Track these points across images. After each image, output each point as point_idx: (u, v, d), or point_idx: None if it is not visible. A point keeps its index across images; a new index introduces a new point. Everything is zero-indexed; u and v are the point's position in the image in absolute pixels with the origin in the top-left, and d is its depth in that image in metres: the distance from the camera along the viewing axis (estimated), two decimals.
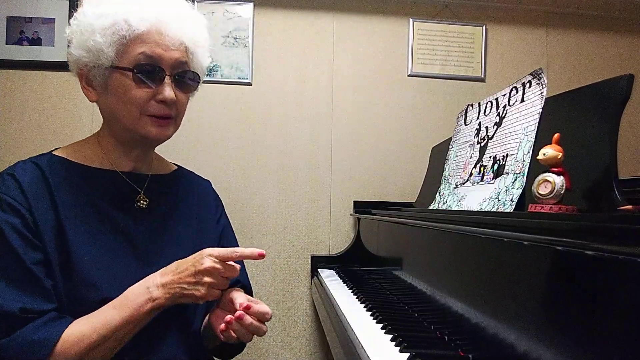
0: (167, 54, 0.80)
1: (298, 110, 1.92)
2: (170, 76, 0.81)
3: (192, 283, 0.74)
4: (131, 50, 0.78)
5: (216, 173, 1.80)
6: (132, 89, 0.78)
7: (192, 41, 0.84)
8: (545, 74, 0.90)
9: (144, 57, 0.78)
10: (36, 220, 0.74)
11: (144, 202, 0.86)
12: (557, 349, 0.53)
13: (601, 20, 2.04)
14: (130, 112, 0.80)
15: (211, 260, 0.74)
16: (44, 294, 0.72)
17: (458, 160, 1.21)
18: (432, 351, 0.74)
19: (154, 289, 0.75)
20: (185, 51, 0.83)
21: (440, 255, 0.93)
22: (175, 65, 0.81)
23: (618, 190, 0.64)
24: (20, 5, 1.79)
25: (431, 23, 1.97)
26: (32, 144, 1.78)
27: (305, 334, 1.88)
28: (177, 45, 0.81)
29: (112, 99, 0.81)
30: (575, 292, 0.51)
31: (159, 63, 0.79)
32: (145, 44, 0.78)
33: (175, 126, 0.86)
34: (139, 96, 0.79)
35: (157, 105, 0.80)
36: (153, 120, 0.81)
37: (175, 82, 0.82)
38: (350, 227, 1.92)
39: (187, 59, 0.83)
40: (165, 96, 0.79)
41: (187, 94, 0.86)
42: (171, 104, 0.81)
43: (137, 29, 0.77)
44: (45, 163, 0.80)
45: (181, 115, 0.86)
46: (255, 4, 1.88)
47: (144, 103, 0.79)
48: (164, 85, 0.80)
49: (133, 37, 0.78)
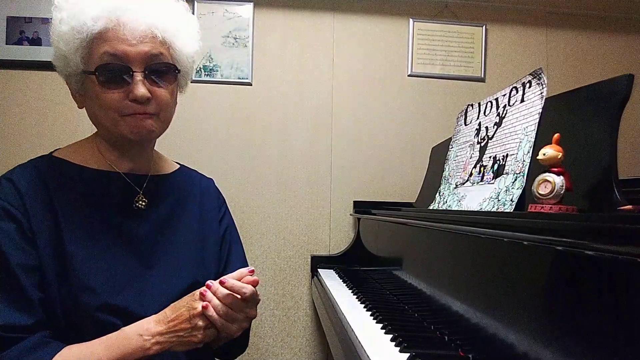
0: (133, 49, 0.74)
1: (298, 110, 1.92)
2: (140, 72, 0.75)
3: (187, 329, 0.72)
4: (94, 52, 0.74)
5: (216, 173, 1.78)
6: (102, 93, 0.74)
7: (164, 29, 0.77)
8: (545, 74, 0.90)
9: (108, 56, 0.73)
10: (32, 225, 0.73)
11: (143, 202, 0.85)
12: (557, 349, 0.53)
13: (601, 20, 2.04)
14: (108, 116, 0.76)
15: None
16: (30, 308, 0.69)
17: (458, 160, 1.21)
18: (432, 351, 0.74)
19: (148, 339, 0.71)
20: (157, 42, 0.76)
21: (440, 255, 0.93)
22: (146, 59, 0.75)
23: (618, 190, 0.64)
24: (20, 5, 1.79)
25: (431, 23, 1.97)
26: (32, 144, 1.78)
27: (305, 334, 1.88)
28: (144, 38, 0.74)
29: (91, 104, 0.78)
30: (575, 292, 0.51)
31: (126, 60, 0.74)
32: (107, 42, 0.73)
33: (160, 122, 0.80)
34: (111, 98, 0.75)
35: (131, 105, 0.75)
36: (132, 119, 0.76)
37: (148, 78, 0.76)
38: (350, 227, 1.92)
39: (161, 49, 0.77)
40: (136, 94, 0.74)
41: (167, 87, 0.80)
42: (145, 101, 0.76)
43: (95, 28, 0.72)
44: (45, 165, 0.80)
45: (166, 109, 0.81)
46: (255, 4, 1.88)
47: (118, 104, 0.75)
48: (135, 83, 0.74)
49: (93, 38, 0.73)
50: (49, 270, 0.72)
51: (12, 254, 0.70)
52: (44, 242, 0.73)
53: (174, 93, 0.84)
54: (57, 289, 0.72)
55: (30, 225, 0.73)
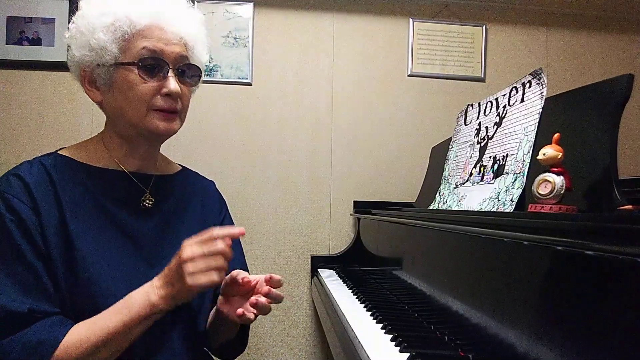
0: (168, 48, 0.80)
1: (298, 110, 1.92)
2: (173, 69, 0.81)
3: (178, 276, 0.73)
4: (133, 46, 0.79)
5: (216, 173, 1.79)
6: (138, 84, 0.79)
7: (190, 36, 0.85)
8: (545, 74, 0.90)
9: (147, 51, 0.79)
10: (41, 220, 0.74)
11: (150, 201, 0.86)
12: (557, 349, 0.53)
13: (601, 20, 2.04)
14: (136, 108, 0.80)
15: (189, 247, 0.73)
16: (47, 298, 0.72)
17: (458, 160, 1.21)
18: (432, 351, 0.74)
19: (152, 293, 0.74)
20: (185, 46, 0.84)
21: (440, 255, 0.93)
22: (177, 60, 0.82)
23: (618, 190, 0.64)
24: (20, 5, 1.79)
25: (431, 23, 1.97)
26: (32, 144, 1.78)
27: (305, 334, 1.88)
28: (177, 40, 0.82)
29: (118, 96, 0.81)
30: (575, 292, 0.51)
31: (162, 57, 0.80)
32: (146, 38, 0.79)
33: (180, 121, 0.86)
34: (145, 91, 0.79)
35: (163, 99, 0.81)
36: (160, 114, 0.81)
37: (178, 76, 0.83)
38: (350, 227, 1.92)
39: (187, 53, 0.84)
40: (171, 89, 0.80)
41: (190, 87, 0.87)
42: (177, 96, 0.82)
43: (139, 25, 0.78)
44: (51, 163, 0.81)
45: (185, 110, 0.87)
46: (255, 4, 1.88)
47: (150, 97, 0.80)
48: (169, 78, 0.81)
49: (135, 33, 0.79)
50: (57, 264, 0.74)
51: (27, 246, 0.72)
52: (53, 236, 0.75)
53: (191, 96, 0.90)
54: (65, 282, 0.74)
55: (40, 219, 0.74)
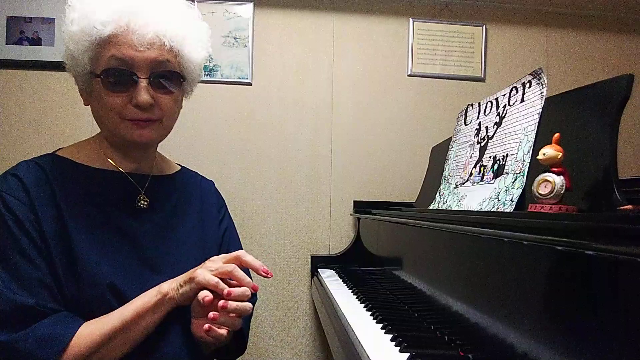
0: (140, 55, 0.74)
1: (298, 110, 1.92)
2: (145, 78, 0.76)
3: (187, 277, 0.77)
4: (102, 55, 0.75)
5: (216, 173, 1.80)
6: (106, 96, 0.75)
7: (175, 36, 0.77)
8: (545, 74, 0.90)
9: (115, 60, 0.74)
10: (40, 219, 0.74)
11: (145, 202, 0.86)
12: (557, 349, 0.53)
13: (601, 20, 2.04)
14: (110, 118, 0.78)
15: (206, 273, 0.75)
16: (51, 294, 0.73)
17: (458, 160, 1.21)
18: (432, 351, 0.74)
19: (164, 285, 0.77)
20: (164, 49, 0.77)
21: (441, 255, 0.93)
22: (152, 66, 0.76)
23: (618, 190, 0.64)
24: (20, 5, 1.79)
25: (431, 23, 1.97)
26: (32, 144, 1.78)
27: (305, 334, 1.88)
28: (151, 44, 0.75)
29: (96, 105, 0.80)
30: (575, 292, 0.51)
31: (131, 65, 0.75)
32: (114, 46, 0.74)
33: (162, 128, 0.82)
34: (113, 103, 0.76)
35: (134, 110, 0.76)
36: (133, 124, 0.78)
37: (153, 84, 0.77)
38: (350, 227, 1.92)
39: (168, 57, 0.77)
40: (139, 101, 0.75)
41: (171, 94, 0.80)
42: (148, 107, 0.77)
43: (106, 31, 0.73)
44: (48, 163, 0.81)
45: (169, 116, 0.82)
46: (255, 4, 1.88)
47: (120, 108, 0.76)
48: (139, 88, 0.75)
49: (102, 41, 0.74)
50: (56, 262, 0.74)
51: (28, 244, 0.72)
52: (51, 236, 0.75)
53: (179, 100, 0.85)
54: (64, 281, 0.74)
55: (38, 218, 0.74)
